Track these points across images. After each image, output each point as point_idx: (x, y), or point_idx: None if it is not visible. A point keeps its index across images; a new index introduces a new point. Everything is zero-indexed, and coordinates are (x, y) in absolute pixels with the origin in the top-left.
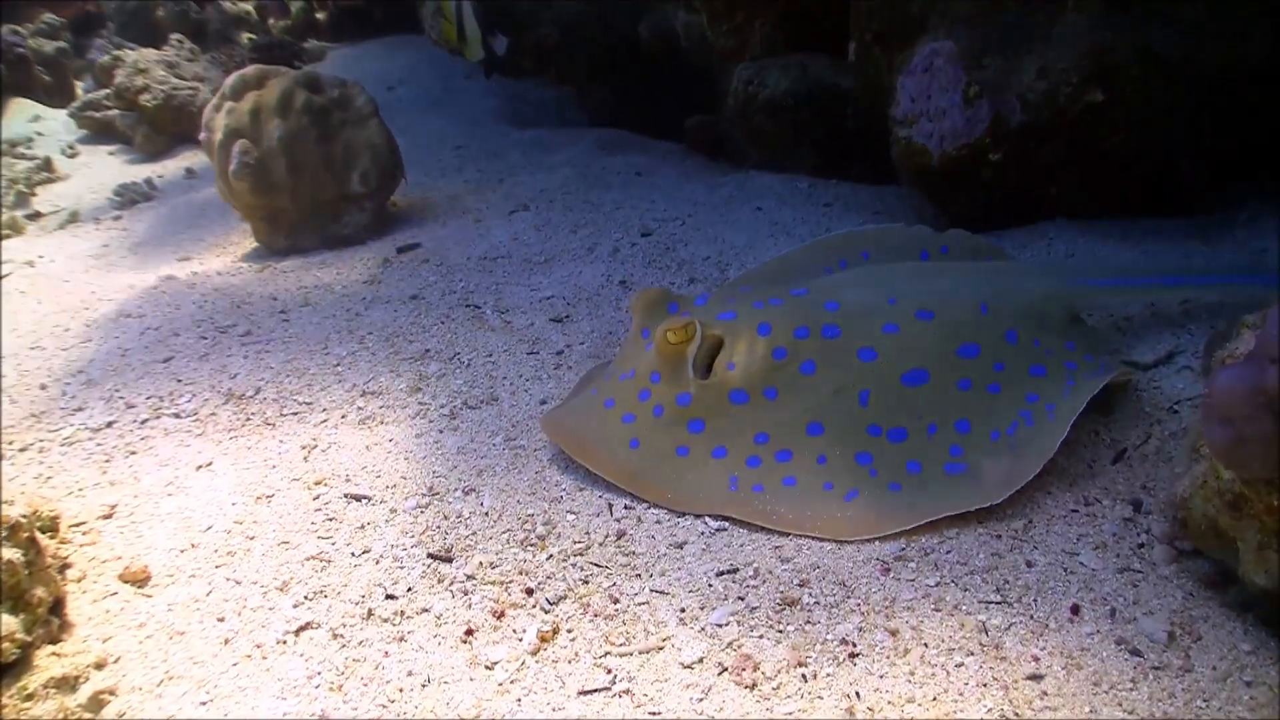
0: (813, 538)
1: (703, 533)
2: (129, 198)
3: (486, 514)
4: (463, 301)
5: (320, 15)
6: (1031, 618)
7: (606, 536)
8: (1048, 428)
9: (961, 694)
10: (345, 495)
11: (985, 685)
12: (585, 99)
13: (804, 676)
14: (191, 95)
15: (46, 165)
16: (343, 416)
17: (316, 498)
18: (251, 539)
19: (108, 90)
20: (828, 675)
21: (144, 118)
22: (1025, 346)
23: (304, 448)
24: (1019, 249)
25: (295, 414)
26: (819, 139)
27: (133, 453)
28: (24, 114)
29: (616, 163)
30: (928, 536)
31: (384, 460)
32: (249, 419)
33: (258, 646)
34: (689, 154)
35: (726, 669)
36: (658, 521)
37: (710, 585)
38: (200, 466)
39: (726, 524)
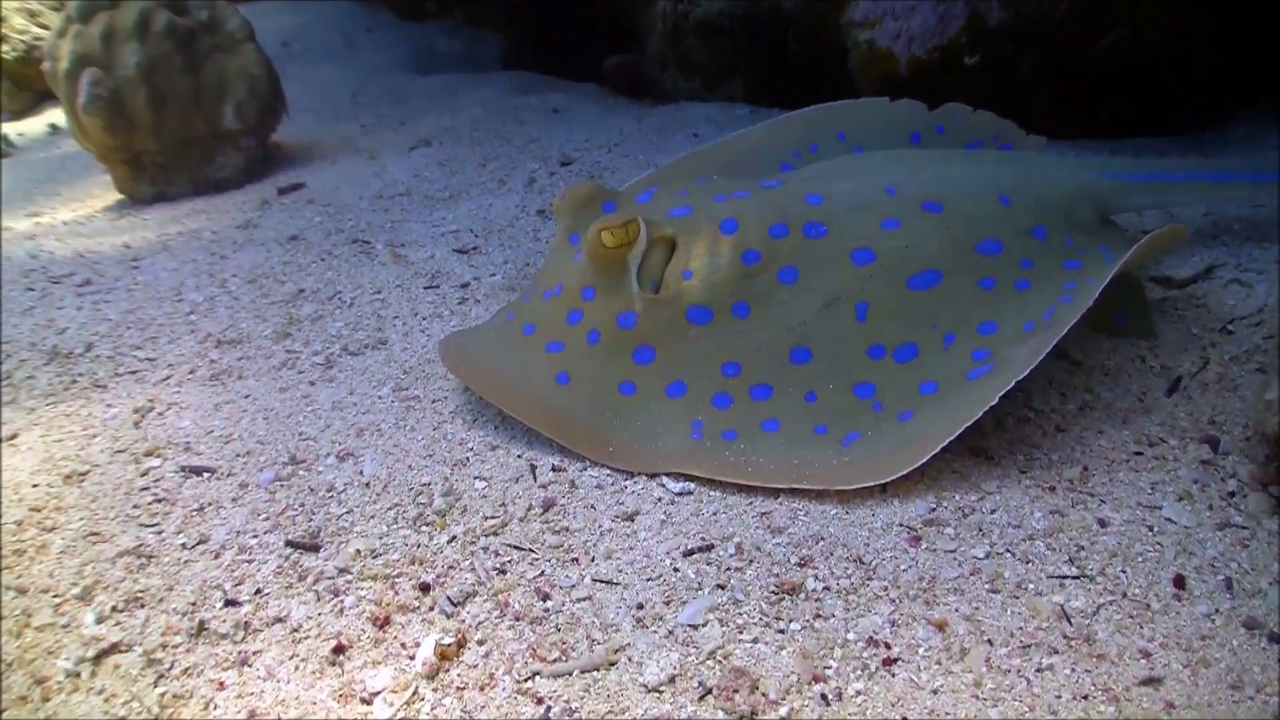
0: (802, 491)
1: (660, 499)
2: None
3: (367, 485)
4: (350, 239)
5: None
6: (1125, 596)
7: (529, 509)
8: (1086, 291)
9: (1055, 711)
10: (182, 468)
11: (1086, 697)
12: (495, 43)
13: (824, 696)
14: None
15: None
16: (191, 372)
17: (145, 473)
18: (50, 531)
19: None
20: (858, 695)
21: (3, 72)
22: (1056, 245)
23: (137, 411)
24: None
25: (133, 372)
26: (756, 65)
27: None
28: None
29: (531, 101)
30: (963, 492)
31: (237, 422)
32: (75, 381)
33: (39, 683)
34: (610, 95)
35: (711, 691)
36: (598, 486)
37: (676, 570)
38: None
39: (691, 484)
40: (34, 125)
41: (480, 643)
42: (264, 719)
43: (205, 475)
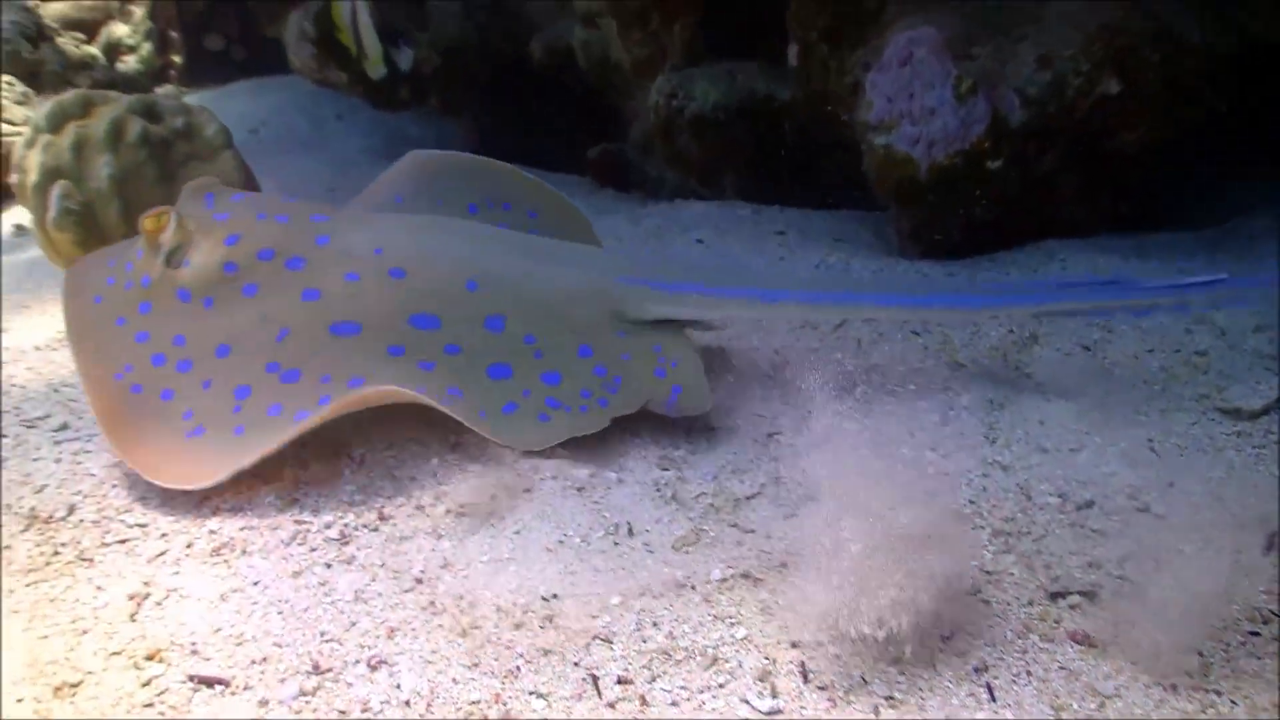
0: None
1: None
2: None
3: (407, 703)
4: None
5: (176, 58)
6: None
7: None
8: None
9: None
10: (190, 678)
11: None
12: (470, 131)
13: None
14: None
15: None
16: (188, 546)
17: (147, 683)
18: None
19: None
20: None
21: None
22: (510, 337)
23: (132, 598)
24: (1027, 274)
25: (122, 542)
26: (749, 158)
27: None
28: None
29: None
30: (1079, 697)
31: (248, 617)
32: (57, 553)
33: None
34: (595, 187)
35: None
36: (673, 703)
37: None
38: None
39: (780, 702)
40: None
41: None
42: None
43: (218, 688)
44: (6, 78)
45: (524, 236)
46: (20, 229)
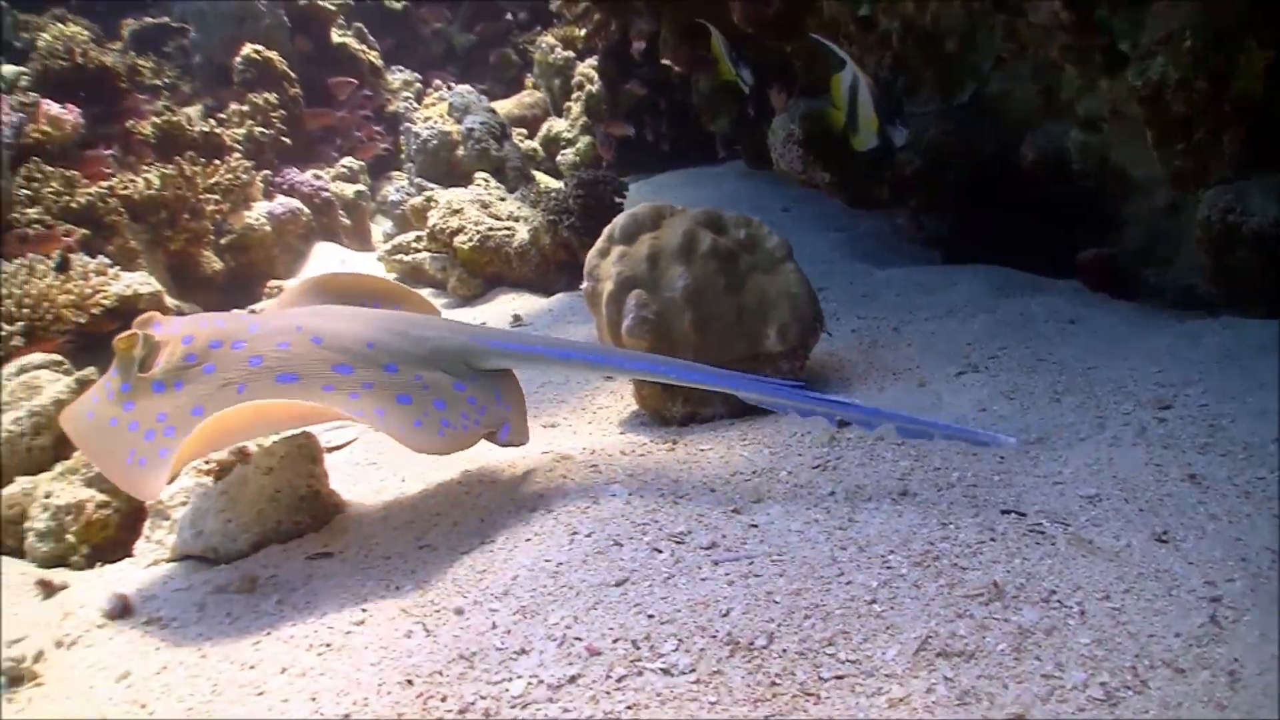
0: None
1: None
2: None
3: None
4: (977, 500)
5: (607, 154)
6: None
7: None
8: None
9: None
10: None
11: None
12: (928, 229)
13: None
14: (508, 236)
15: None
16: (929, 691)
17: None
18: None
19: (418, 231)
20: None
21: (457, 260)
22: (403, 377)
23: None
24: None
25: (840, 679)
26: None
27: None
28: (330, 258)
29: (1030, 307)
30: None
31: None
32: (775, 684)
33: None
34: (1086, 290)
35: None
36: None
37: None
38: None
39: None
40: (490, 312)
41: None
42: None
43: None
44: (482, 174)
45: (398, 313)
46: (517, 319)
